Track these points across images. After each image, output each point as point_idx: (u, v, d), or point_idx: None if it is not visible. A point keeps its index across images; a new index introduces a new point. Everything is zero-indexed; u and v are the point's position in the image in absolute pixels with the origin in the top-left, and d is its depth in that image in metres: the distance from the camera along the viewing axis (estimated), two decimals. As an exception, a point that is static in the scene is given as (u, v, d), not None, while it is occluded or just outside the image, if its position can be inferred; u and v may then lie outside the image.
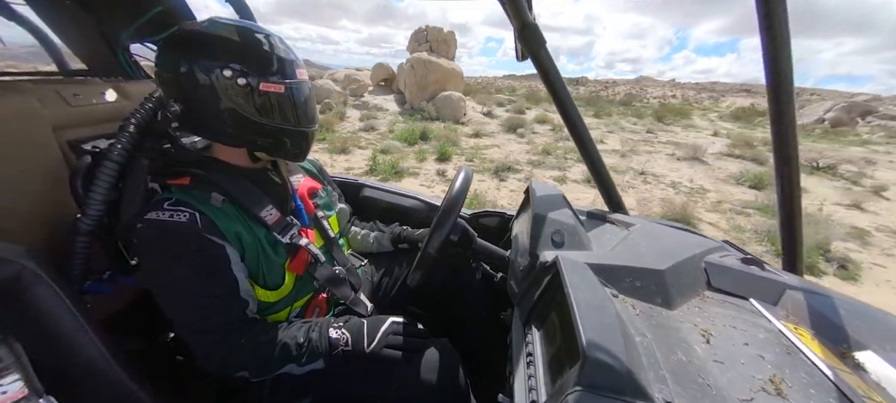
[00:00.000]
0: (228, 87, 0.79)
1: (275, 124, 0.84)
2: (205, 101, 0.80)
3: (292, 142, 0.89)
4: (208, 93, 0.79)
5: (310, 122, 0.91)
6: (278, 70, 0.82)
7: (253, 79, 0.79)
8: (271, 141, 0.87)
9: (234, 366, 0.80)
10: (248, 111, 0.81)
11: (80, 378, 0.76)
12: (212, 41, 0.79)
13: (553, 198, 1.01)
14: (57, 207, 0.97)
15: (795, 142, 0.83)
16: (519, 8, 0.97)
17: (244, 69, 0.78)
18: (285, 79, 0.83)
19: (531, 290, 0.79)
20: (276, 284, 0.89)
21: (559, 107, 1.14)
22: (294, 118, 0.87)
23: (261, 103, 0.82)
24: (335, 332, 0.88)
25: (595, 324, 0.54)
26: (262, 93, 0.81)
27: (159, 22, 1.38)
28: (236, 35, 0.80)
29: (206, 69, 0.77)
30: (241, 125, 0.82)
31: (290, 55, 0.85)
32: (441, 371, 0.94)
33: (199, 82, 0.78)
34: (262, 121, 0.83)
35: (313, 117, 0.92)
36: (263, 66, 0.80)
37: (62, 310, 0.75)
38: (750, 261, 0.87)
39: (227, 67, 0.77)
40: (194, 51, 0.78)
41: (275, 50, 0.82)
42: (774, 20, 0.72)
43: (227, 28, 0.81)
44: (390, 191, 1.61)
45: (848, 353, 0.63)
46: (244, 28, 0.82)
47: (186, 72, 0.78)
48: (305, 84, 0.88)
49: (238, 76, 0.78)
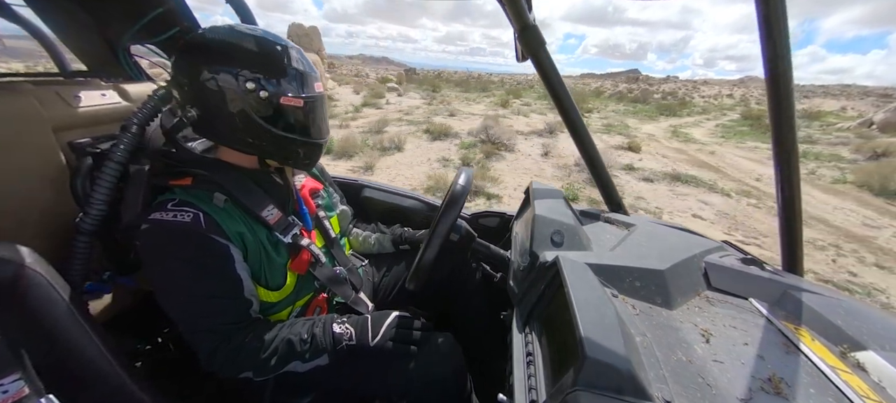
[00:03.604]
0: (250, 99, 0.79)
1: (291, 136, 0.86)
2: (223, 110, 0.80)
3: (305, 153, 0.91)
4: (228, 102, 0.79)
5: (322, 134, 0.92)
6: (298, 84, 0.83)
7: (274, 92, 0.80)
8: (285, 150, 0.88)
9: (238, 367, 0.80)
10: (267, 123, 0.82)
11: (80, 378, 0.76)
12: (234, 51, 0.79)
13: (553, 199, 1.01)
14: (57, 208, 0.97)
15: (795, 142, 0.83)
16: (519, 10, 0.97)
17: (266, 82, 0.79)
18: (304, 94, 0.84)
19: (531, 290, 0.79)
20: (278, 284, 0.89)
21: (559, 106, 1.15)
22: (309, 131, 0.88)
23: (280, 116, 0.82)
24: (339, 327, 0.88)
25: (595, 324, 0.54)
26: (281, 107, 0.82)
27: (160, 23, 1.38)
28: (258, 46, 0.81)
29: (228, 79, 0.78)
30: (257, 135, 0.83)
31: (308, 68, 0.86)
32: (445, 364, 0.95)
33: (220, 91, 0.78)
34: (279, 132, 0.84)
35: (327, 129, 0.94)
36: (284, 80, 0.81)
37: (62, 310, 0.75)
38: (750, 261, 0.87)
39: (249, 80, 0.78)
40: (216, 59, 0.78)
41: (294, 63, 0.83)
42: (774, 20, 0.72)
43: (249, 39, 0.81)
44: (391, 191, 1.61)
45: (848, 353, 0.63)
46: (265, 39, 0.82)
47: (207, 80, 0.78)
48: (321, 96, 0.90)
49: (260, 89, 0.79)
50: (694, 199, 5.07)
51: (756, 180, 6.37)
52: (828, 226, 4.50)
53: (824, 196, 5.72)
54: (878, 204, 5.36)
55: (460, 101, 17.30)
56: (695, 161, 7.53)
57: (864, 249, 3.90)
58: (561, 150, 7.18)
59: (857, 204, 5.34)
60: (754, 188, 5.87)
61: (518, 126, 9.82)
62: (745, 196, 5.41)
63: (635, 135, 10.23)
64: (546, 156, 6.86)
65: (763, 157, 8.23)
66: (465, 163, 5.98)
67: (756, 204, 5.12)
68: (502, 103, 16.17)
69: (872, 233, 4.33)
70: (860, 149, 8.86)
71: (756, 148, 9.37)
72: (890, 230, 4.45)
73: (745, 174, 6.76)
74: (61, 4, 1.46)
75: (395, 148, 6.91)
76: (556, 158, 6.75)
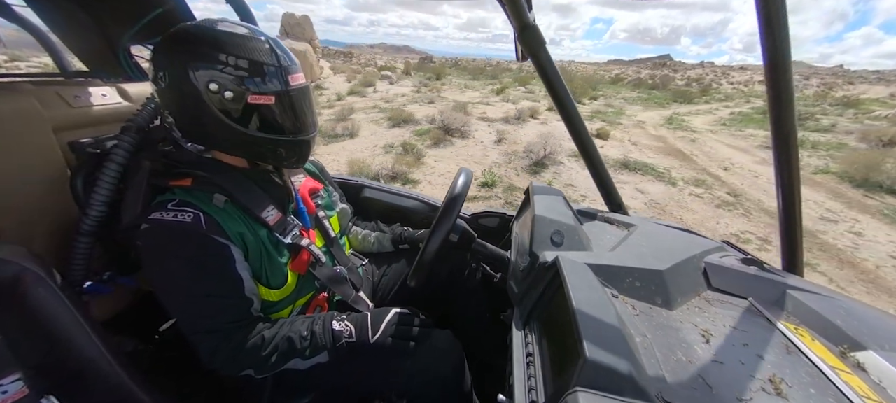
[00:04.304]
0: (214, 100, 0.75)
1: (267, 136, 0.81)
2: (194, 113, 0.77)
3: (288, 151, 0.86)
4: (195, 105, 0.76)
5: (306, 130, 0.87)
6: (268, 79, 0.77)
7: (239, 91, 0.75)
8: (267, 151, 0.85)
9: (239, 365, 0.80)
10: (238, 124, 0.78)
11: (81, 379, 0.76)
12: (195, 50, 0.74)
13: (553, 199, 1.01)
14: (57, 208, 0.97)
15: (796, 142, 0.83)
16: (519, 9, 0.97)
17: (230, 80, 0.74)
18: (277, 89, 0.78)
19: (531, 290, 0.79)
20: (279, 284, 0.89)
21: (559, 106, 1.15)
22: (288, 128, 0.83)
23: (250, 116, 0.78)
24: (339, 324, 0.88)
25: (595, 324, 0.54)
26: (251, 106, 0.77)
27: (160, 24, 1.38)
28: (218, 41, 0.74)
29: (191, 81, 0.74)
30: (232, 138, 0.80)
31: (283, 61, 0.79)
32: (445, 361, 0.95)
33: (185, 94, 0.75)
34: (253, 134, 0.80)
35: (310, 124, 0.88)
36: (252, 76, 0.75)
37: (62, 311, 0.75)
38: (750, 261, 0.87)
39: (212, 80, 0.73)
40: (179, 61, 0.74)
41: (264, 56, 0.77)
42: (774, 20, 0.72)
43: (209, 33, 0.75)
44: (391, 191, 1.61)
45: (848, 353, 0.63)
46: (232, 33, 0.76)
47: (172, 84, 0.76)
48: (300, 90, 0.83)
49: (224, 89, 0.74)
50: (632, 187, 5.00)
51: (724, 169, 6.21)
52: (775, 219, 4.26)
53: (797, 187, 5.54)
54: (853, 196, 5.08)
55: (456, 89, 17.17)
56: (668, 149, 7.41)
57: (814, 247, 3.74)
58: (517, 138, 7.14)
59: (830, 195, 5.11)
60: (715, 177, 5.74)
61: (494, 113, 9.85)
62: (695, 185, 5.29)
63: (623, 122, 10.17)
64: (499, 143, 6.85)
65: (751, 145, 8.02)
66: (405, 150, 5.98)
67: (701, 193, 4.99)
68: (499, 91, 16.13)
69: (823, 228, 4.08)
70: (867, 138, 8.35)
71: (751, 136, 9.16)
72: (845, 225, 4.20)
73: (714, 162, 6.61)
74: (61, 4, 1.46)
75: (347, 135, 6.93)
76: (508, 145, 6.73)
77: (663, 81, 28.99)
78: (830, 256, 3.59)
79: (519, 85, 19.47)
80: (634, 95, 20.10)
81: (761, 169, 6.33)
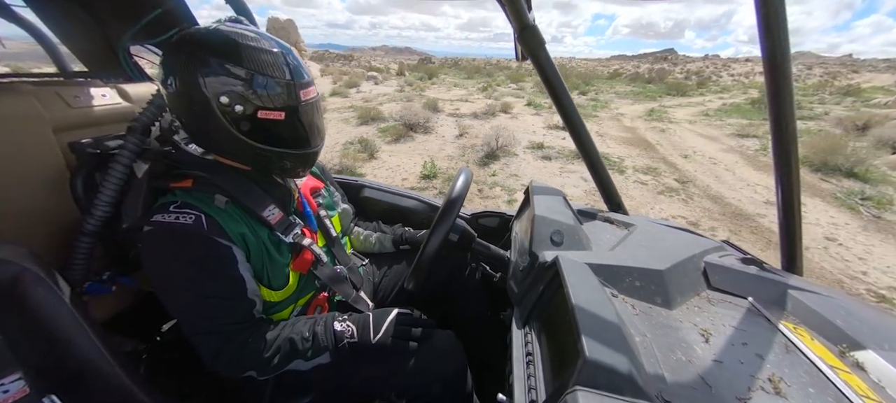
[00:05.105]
0: (225, 112, 0.74)
1: (275, 150, 0.81)
2: (201, 120, 0.77)
3: (293, 164, 0.86)
4: (204, 113, 0.75)
5: (313, 143, 0.86)
6: (280, 94, 0.76)
7: (250, 105, 0.74)
8: (273, 162, 0.84)
9: (241, 366, 0.80)
10: (246, 136, 0.78)
11: (81, 378, 0.76)
12: (207, 59, 0.73)
13: (553, 199, 1.01)
14: (57, 208, 0.97)
15: (795, 142, 0.83)
16: (519, 10, 0.97)
17: (241, 94, 0.73)
18: (289, 104, 0.78)
19: (531, 290, 0.79)
20: (281, 284, 0.89)
21: (558, 106, 1.15)
22: (295, 141, 0.83)
23: (259, 130, 0.78)
24: (340, 325, 0.88)
25: (595, 324, 0.54)
26: (260, 120, 0.76)
27: (160, 24, 1.38)
28: (235, 52, 0.73)
29: (201, 90, 0.73)
30: (239, 147, 0.80)
31: (295, 75, 0.78)
32: (446, 362, 0.95)
33: (195, 101, 0.74)
34: (260, 146, 0.80)
35: (318, 136, 0.88)
36: (264, 90, 0.74)
37: (62, 311, 0.75)
38: (749, 261, 0.87)
39: (223, 92, 0.72)
40: (190, 68, 0.73)
41: (277, 70, 0.75)
42: (774, 20, 0.72)
43: (224, 44, 0.73)
44: (391, 191, 1.61)
45: (847, 353, 0.63)
46: (245, 45, 0.74)
47: (182, 91, 0.75)
48: (310, 104, 0.82)
49: (235, 102, 0.73)
50: (578, 177, 5.06)
51: (683, 157, 6.21)
52: (718, 205, 4.26)
53: (749, 171, 5.50)
54: (809, 180, 5.02)
55: (444, 88, 17.34)
56: (633, 139, 7.43)
57: (745, 229, 3.71)
58: (477, 132, 7.23)
59: (782, 179, 5.11)
60: (671, 165, 5.73)
61: (467, 109, 10.09)
62: (644, 173, 5.32)
63: (600, 115, 10.22)
64: (460, 137, 6.96)
65: (723, 134, 8.05)
66: (363, 146, 6.04)
67: (646, 181, 5.01)
68: (483, 88, 16.47)
69: (765, 212, 4.05)
70: (842, 123, 8.42)
71: (728, 125, 9.10)
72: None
73: (676, 151, 6.61)
74: (61, 4, 1.46)
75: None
76: (467, 139, 6.88)
77: (660, 75, 28.97)
78: (759, 238, 3.56)
79: (511, 82, 19.62)
80: (628, 89, 20.09)
81: (723, 156, 6.36)
